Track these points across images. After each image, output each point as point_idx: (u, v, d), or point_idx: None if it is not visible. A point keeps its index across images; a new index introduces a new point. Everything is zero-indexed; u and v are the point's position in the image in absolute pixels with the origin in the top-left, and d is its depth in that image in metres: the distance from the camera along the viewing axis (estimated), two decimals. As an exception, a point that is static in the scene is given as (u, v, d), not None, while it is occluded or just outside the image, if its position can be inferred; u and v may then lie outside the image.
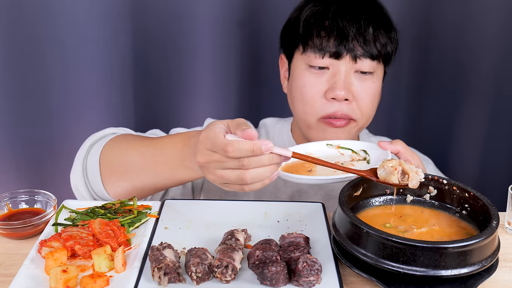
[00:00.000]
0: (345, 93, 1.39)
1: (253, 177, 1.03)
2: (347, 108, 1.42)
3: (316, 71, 1.42)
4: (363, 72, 1.41)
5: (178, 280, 0.95)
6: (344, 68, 1.40)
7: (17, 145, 1.86)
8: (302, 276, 0.94)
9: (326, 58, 1.40)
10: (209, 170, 1.06)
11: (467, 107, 1.88)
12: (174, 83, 1.90)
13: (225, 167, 1.03)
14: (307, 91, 1.43)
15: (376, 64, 1.42)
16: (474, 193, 1.05)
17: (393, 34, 1.46)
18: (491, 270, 0.97)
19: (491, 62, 1.81)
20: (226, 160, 1.02)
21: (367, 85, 1.42)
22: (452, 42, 1.85)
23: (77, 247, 1.03)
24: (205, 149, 1.04)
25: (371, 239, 0.93)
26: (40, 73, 1.80)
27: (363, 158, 1.29)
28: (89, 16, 1.76)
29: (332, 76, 1.41)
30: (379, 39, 1.41)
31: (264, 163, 1.02)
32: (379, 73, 1.46)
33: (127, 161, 1.25)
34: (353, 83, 1.41)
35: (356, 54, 1.39)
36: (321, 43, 1.39)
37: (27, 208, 1.21)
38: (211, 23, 1.82)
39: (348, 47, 1.38)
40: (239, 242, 1.03)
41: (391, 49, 1.45)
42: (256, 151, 1.00)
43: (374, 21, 1.41)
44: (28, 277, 0.97)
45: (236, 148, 1.00)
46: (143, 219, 1.14)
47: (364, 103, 1.43)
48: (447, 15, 1.83)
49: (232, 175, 1.03)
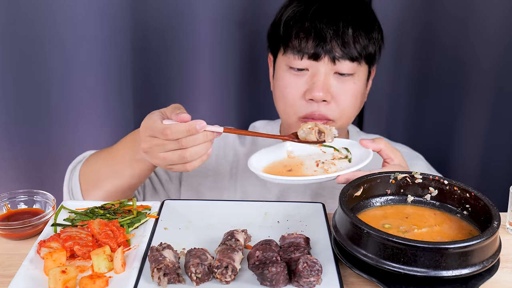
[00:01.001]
0: (323, 95, 1.39)
1: (192, 155, 1.15)
2: (325, 109, 1.42)
3: (295, 72, 1.43)
4: (342, 73, 1.41)
5: (177, 281, 0.95)
6: (323, 70, 1.40)
7: (16, 145, 1.86)
8: (302, 277, 0.93)
9: (305, 59, 1.41)
10: (153, 154, 1.18)
11: (468, 105, 1.88)
12: (174, 82, 1.90)
13: (166, 149, 1.15)
14: (288, 91, 1.45)
15: (356, 66, 1.41)
16: (475, 193, 1.05)
17: (375, 34, 1.45)
18: (492, 270, 0.96)
19: (491, 59, 1.81)
20: (166, 143, 1.14)
21: (347, 86, 1.42)
22: (453, 40, 1.85)
23: (76, 248, 1.02)
24: (146, 136, 1.17)
25: (371, 240, 0.93)
26: (39, 73, 1.80)
27: (345, 157, 1.30)
28: (88, 15, 1.76)
29: (311, 78, 1.41)
30: (359, 41, 1.40)
31: (200, 140, 1.14)
32: (361, 74, 1.44)
33: (96, 172, 1.38)
34: (332, 84, 1.41)
35: (335, 56, 1.39)
36: (299, 45, 1.40)
37: (26, 209, 1.20)
38: (210, 22, 1.82)
39: (326, 49, 1.38)
40: (239, 243, 1.02)
41: (373, 49, 1.44)
42: (191, 130, 1.13)
43: (354, 22, 1.40)
44: (27, 278, 0.97)
45: (174, 131, 1.12)
46: (142, 220, 1.14)
47: (343, 104, 1.43)
48: (447, 13, 1.83)
49: (173, 156, 1.15)
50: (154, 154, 1.18)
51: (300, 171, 1.27)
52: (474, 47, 1.82)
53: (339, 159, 1.30)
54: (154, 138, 1.15)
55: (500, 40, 1.78)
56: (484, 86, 1.84)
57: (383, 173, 1.12)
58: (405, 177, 1.11)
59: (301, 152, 1.34)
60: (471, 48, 1.82)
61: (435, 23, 1.85)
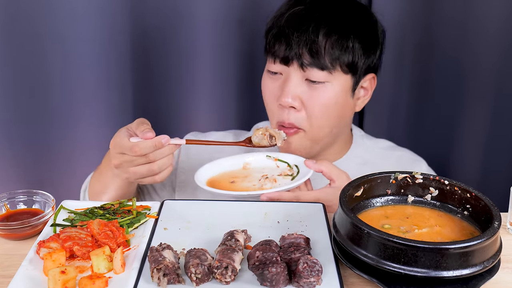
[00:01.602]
0: (291, 101, 1.39)
1: (160, 166, 1.25)
2: (294, 117, 1.42)
3: (272, 76, 1.45)
4: (313, 81, 1.39)
5: (177, 281, 0.95)
6: (294, 75, 1.40)
7: (15, 144, 1.86)
8: (302, 277, 0.93)
9: (278, 63, 1.42)
10: (123, 169, 1.27)
11: (468, 108, 1.88)
12: (174, 82, 1.90)
13: (135, 164, 1.24)
14: (265, 95, 1.48)
15: (328, 74, 1.39)
16: (475, 194, 1.04)
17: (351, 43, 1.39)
18: (493, 271, 0.96)
19: (492, 62, 1.80)
20: (135, 159, 1.23)
21: (317, 94, 1.40)
22: (453, 42, 1.84)
23: (76, 248, 1.02)
24: (116, 153, 1.25)
25: (372, 240, 0.93)
26: (39, 71, 1.80)
27: (291, 174, 1.34)
28: (88, 13, 1.76)
29: (283, 82, 1.42)
30: (330, 51, 1.37)
31: (166, 153, 1.24)
32: (336, 83, 1.41)
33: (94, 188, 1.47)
34: (303, 91, 1.40)
35: (303, 62, 1.38)
36: (273, 48, 1.42)
37: (25, 209, 1.20)
38: (210, 21, 1.82)
39: (295, 54, 1.38)
40: (239, 243, 1.02)
41: (348, 59, 1.40)
42: (158, 145, 1.22)
43: (328, 30, 1.38)
44: (26, 278, 0.96)
45: (141, 147, 1.21)
46: (142, 220, 1.13)
47: (313, 113, 1.41)
48: (447, 17, 1.82)
49: (142, 169, 1.25)
50: (124, 169, 1.26)
51: (240, 183, 1.32)
52: (474, 50, 1.81)
53: (285, 175, 1.34)
54: (124, 154, 1.24)
55: (500, 42, 1.78)
56: (485, 88, 1.84)
57: (383, 173, 1.11)
58: (405, 177, 1.11)
59: (257, 164, 1.38)
60: (471, 51, 1.82)
61: (435, 26, 1.84)
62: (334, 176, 1.29)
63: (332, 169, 1.29)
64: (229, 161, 1.38)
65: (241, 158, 1.39)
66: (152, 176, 1.26)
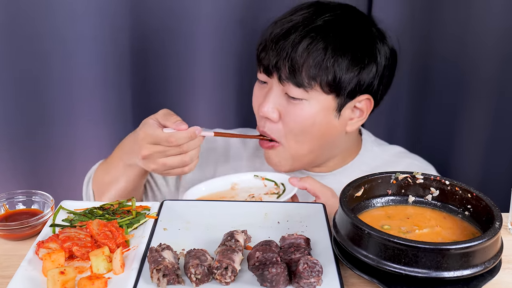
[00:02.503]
0: (270, 111, 1.39)
1: (192, 158, 1.28)
2: (271, 128, 1.42)
3: (260, 85, 1.46)
4: (291, 96, 1.38)
5: (177, 282, 0.95)
6: (275, 87, 1.40)
7: (14, 145, 1.85)
8: (302, 278, 0.93)
9: (262, 72, 1.42)
10: (152, 160, 1.28)
11: (469, 108, 1.87)
12: (173, 82, 1.89)
13: (167, 155, 1.27)
14: (253, 103, 1.48)
15: (304, 92, 1.35)
16: (476, 194, 1.04)
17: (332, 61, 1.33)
18: (494, 271, 0.96)
19: (493, 64, 1.79)
20: (168, 149, 1.26)
21: (294, 110, 1.38)
22: (453, 44, 1.83)
23: (75, 249, 1.02)
24: (148, 143, 1.27)
25: (372, 240, 0.92)
26: (38, 72, 1.79)
27: (277, 192, 1.34)
28: (87, 13, 1.75)
29: (266, 92, 1.42)
30: (308, 69, 1.33)
31: (197, 144, 1.28)
32: (315, 102, 1.37)
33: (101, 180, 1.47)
34: (281, 104, 1.40)
35: (281, 76, 1.37)
36: (259, 57, 1.43)
37: (24, 209, 1.19)
38: (211, 21, 1.81)
39: (275, 66, 1.37)
40: (239, 243, 1.02)
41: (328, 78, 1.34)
42: (192, 136, 1.26)
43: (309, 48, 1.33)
44: (25, 279, 0.96)
45: (177, 138, 1.25)
46: (141, 220, 1.13)
47: (290, 127, 1.40)
48: (448, 19, 1.82)
49: (174, 160, 1.27)
50: (154, 160, 1.28)
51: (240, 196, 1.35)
52: (474, 51, 1.81)
53: (271, 194, 1.34)
54: (156, 145, 1.26)
55: (501, 44, 1.78)
56: (485, 89, 1.83)
57: (384, 173, 1.11)
58: (406, 177, 1.11)
59: (245, 184, 1.39)
60: (471, 53, 1.81)
61: (436, 29, 1.84)
62: (318, 192, 1.28)
63: (315, 186, 1.28)
64: (218, 181, 1.39)
65: (229, 179, 1.40)
66: (181, 168, 1.29)
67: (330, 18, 1.39)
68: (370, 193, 1.10)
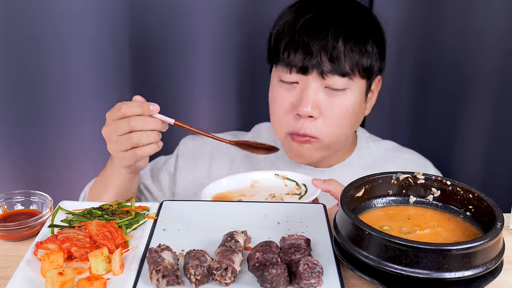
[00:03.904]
0: (310, 110, 1.37)
1: (140, 137, 1.23)
2: (310, 126, 1.39)
3: (286, 85, 1.41)
4: (334, 88, 1.37)
5: (176, 283, 0.94)
6: (312, 84, 1.37)
7: (12, 145, 1.85)
8: (303, 279, 0.92)
9: (294, 73, 1.38)
10: (110, 138, 1.27)
11: (470, 108, 1.87)
12: (173, 82, 1.89)
13: (119, 132, 1.24)
14: (276, 105, 1.43)
15: (348, 81, 1.37)
16: (478, 194, 1.04)
17: (370, 47, 1.39)
18: (495, 272, 0.95)
19: (494, 62, 1.79)
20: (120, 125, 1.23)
21: (337, 102, 1.38)
22: (455, 43, 1.83)
23: (74, 249, 1.01)
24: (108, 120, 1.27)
25: (373, 241, 0.92)
26: (37, 72, 1.79)
27: (298, 193, 1.32)
28: (86, 13, 1.75)
29: (301, 91, 1.39)
30: (350, 56, 1.35)
31: (149, 125, 1.23)
32: (356, 89, 1.40)
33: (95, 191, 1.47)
34: (322, 99, 1.38)
35: (323, 70, 1.35)
36: (288, 58, 1.37)
37: (23, 210, 1.19)
38: (210, 20, 1.81)
39: (314, 63, 1.34)
40: (239, 244, 1.01)
41: (367, 63, 1.39)
42: (144, 110, 1.23)
43: (346, 35, 1.36)
44: (23, 280, 0.95)
45: (128, 105, 1.23)
46: (141, 221, 1.12)
47: (332, 121, 1.40)
48: (448, 16, 1.81)
49: (123, 138, 1.24)
50: (111, 138, 1.27)
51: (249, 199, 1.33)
52: (475, 50, 1.81)
53: (293, 194, 1.33)
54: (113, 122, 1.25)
55: (502, 43, 1.77)
56: (487, 89, 1.83)
57: (385, 174, 1.11)
58: (407, 178, 1.10)
59: (265, 182, 1.37)
60: (472, 52, 1.81)
61: (436, 27, 1.84)
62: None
63: (339, 189, 1.26)
64: (237, 178, 1.37)
65: (249, 176, 1.38)
66: (132, 150, 1.25)
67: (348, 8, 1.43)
68: (371, 193, 1.09)
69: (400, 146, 1.66)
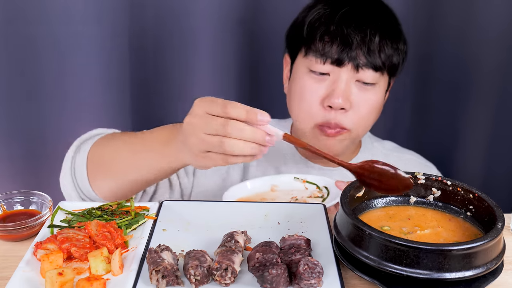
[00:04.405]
0: (342, 102, 1.36)
1: (232, 146, 1.00)
2: (342, 118, 1.39)
3: (316, 76, 1.39)
4: (364, 82, 1.38)
5: (176, 283, 0.94)
6: (345, 76, 1.37)
7: (12, 145, 1.85)
8: (303, 279, 0.92)
9: (328, 64, 1.37)
10: (193, 131, 1.03)
11: (471, 107, 1.87)
12: (173, 82, 1.89)
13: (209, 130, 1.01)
14: (305, 95, 1.41)
15: (379, 76, 1.38)
16: (479, 194, 1.03)
17: (401, 45, 1.42)
18: (496, 273, 0.95)
19: (495, 61, 1.79)
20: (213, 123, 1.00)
21: (367, 96, 1.39)
22: (456, 42, 1.83)
23: (73, 250, 1.01)
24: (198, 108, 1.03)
25: (373, 241, 0.92)
26: (36, 72, 1.79)
27: (321, 196, 1.31)
28: (86, 13, 1.75)
29: (332, 83, 1.38)
30: (385, 50, 1.37)
31: (246, 135, 1.00)
32: (382, 85, 1.42)
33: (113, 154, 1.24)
34: (353, 92, 1.38)
35: (359, 64, 1.35)
36: (323, 48, 1.36)
37: (22, 210, 1.18)
38: (210, 20, 1.81)
39: (351, 55, 1.34)
40: (239, 244, 1.01)
41: (397, 60, 1.41)
42: (250, 117, 1.00)
43: (381, 30, 1.37)
44: (23, 280, 0.95)
45: (234, 106, 0.99)
46: (140, 221, 1.12)
47: (361, 114, 1.40)
48: (450, 15, 1.81)
49: (213, 139, 1.01)
50: (194, 131, 1.03)
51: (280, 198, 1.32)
52: (477, 50, 1.80)
53: (315, 197, 1.32)
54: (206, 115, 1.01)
55: (503, 42, 1.77)
56: (488, 88, 1.83)
57: (385, 174, 1.10)
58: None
59: (285, 186, 1.36)
60: (474, 51, 1.81)
61: (438, 24, 1.84)
62: None
63: None
64: (256, 182, 1.36)
65: (269, 180, 1.37)
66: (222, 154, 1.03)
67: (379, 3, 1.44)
68: (371, 193, 1.09)
69: (400, 147, 1.66)
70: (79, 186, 1.31)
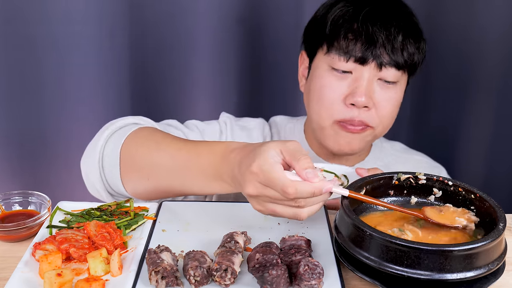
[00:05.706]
0: (365, 100, 1.36)
1: (309, 213, 0.99)
2: (365, 115, 1.39)
3: (338, 74, 1.39)
4: (386, 81, 1.38)
5: (176, 284, 0.93)
6: (367, 75, 1.36)
7: (10, 145, 1.85)
8: (303, 280, 0.92)
9: (351, 62, 1.36)
10: (258, 202, 1.00)
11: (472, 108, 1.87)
12: (173, 81, 1.89)
13: (278, 203, 0.98)
14: (326, 93, 1.40)
15: (400, 74, 1.39)
16: (480, 195, 1.03)
17: (422, 44, 1.42)
18: (497, 273, 0.94)
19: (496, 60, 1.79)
20: (281, 198, 0.97)
21: (389, 94, 1.39)
22: (457, 41, 1.83)
23: (72, 250, 1.01)
24: (258, 182, 0.97)
25: (374, 242, 0.91)
26: (35, 72, 1.79)
27: (341, 184, 1.27)
28: (85, 13, 1.75)
29: (354, 81, 1.37)
30: (407, 48, 1.37)
31: (319, 200, 0.99)
32: (402, 84, 1.42)
33: (155, 163, 1.16)
34: (375, 90, 1.38)
35: (382, 62, 1.35)
36: (347, 46, 1.35)
37: (21, 210, 1.18)
38: (210, 19, 1.81)
39: (375, 54, 1.34)
40: (239, 245, 1.01)
41: (418, 59, 1.41)
42: (316, 193, 0.97)
43: (404, 29, 1.37)
44: (21, 281, 0.95)
45: (297, 191, 0.95)
46: (140, 221, 1.12)
47: (383, 112, 1.40)
48: (452, 13, 1.81)
49: (286, 212, 0.99)
50: (260, 202, 1.00)
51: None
52: (478, 49, 1.80)
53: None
54: (267, 188, 0.97)
55: (504, 40, 1.77)
56: (489, 88, 1.83)
57: (386, 174, 1.10)
58: (408, 178, 1.10)
59: None
60: (475, 50, 1.81)
61: (439, 26, 1.83)
62: None
63: None
64: None
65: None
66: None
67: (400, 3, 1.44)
68: (372, 194, 1.08)
69: (408, 148, 1.66)
70: (106, 178, 1.22)
